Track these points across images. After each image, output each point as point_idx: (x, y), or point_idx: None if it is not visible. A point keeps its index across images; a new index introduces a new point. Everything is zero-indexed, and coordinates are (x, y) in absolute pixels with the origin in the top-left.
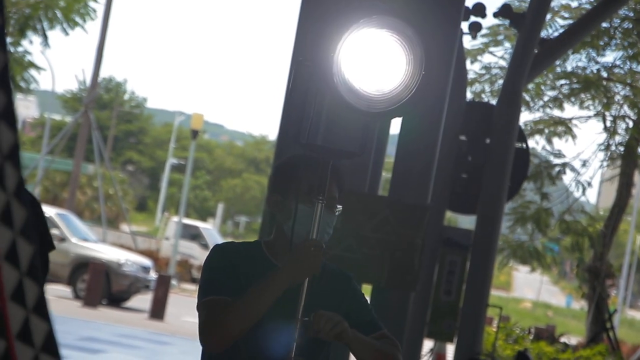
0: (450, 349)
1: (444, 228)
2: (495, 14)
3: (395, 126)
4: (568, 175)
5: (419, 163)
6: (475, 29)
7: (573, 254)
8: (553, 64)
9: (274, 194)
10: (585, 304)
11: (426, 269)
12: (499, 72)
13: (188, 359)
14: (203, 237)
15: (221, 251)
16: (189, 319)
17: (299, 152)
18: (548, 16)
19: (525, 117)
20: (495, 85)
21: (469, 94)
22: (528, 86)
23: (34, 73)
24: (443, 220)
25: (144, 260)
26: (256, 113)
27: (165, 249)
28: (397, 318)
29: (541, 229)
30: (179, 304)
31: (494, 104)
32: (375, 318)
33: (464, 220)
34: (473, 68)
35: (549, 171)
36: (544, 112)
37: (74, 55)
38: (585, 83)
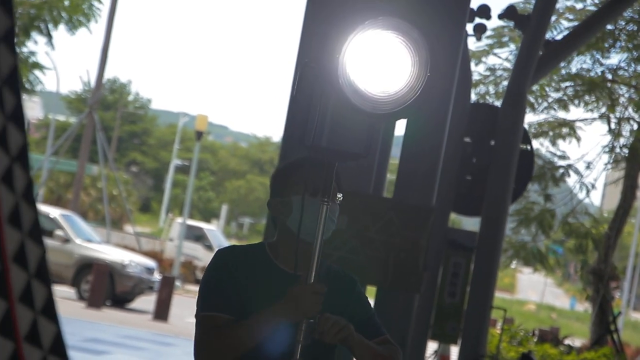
0: (454, 351)
1: (448, 230)
2: (500, 16)
3: (400, 128)
4: (572, 177)
5: (423, 165)
6: (480, 30)
7: (577, 256)
8: (558, 65)
9: (273, 197)
10: (589, 306)
11: (430, 271)
12: (504, 74)
13: None
14: (207, 239)
15: (221, 259)
16: (193, 320)
17: (303, 155)
18: (553, 18)
19: (529, 119)
20: (500, 86)
21: (473, 96)
22: (532, 87)
23: (39, 74)
24: (447, 222)
25: (148, 262)
26: (260, 114)
27: (169, 250)
28: (402, 320)
29: (544, 231)
30: (182, 305)
31: (498, 105)
32: (378, 322)
33: (467, 222)
34: (477, 70)
35: (553, 173)
36: (548, 114)
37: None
38: (589, 85)
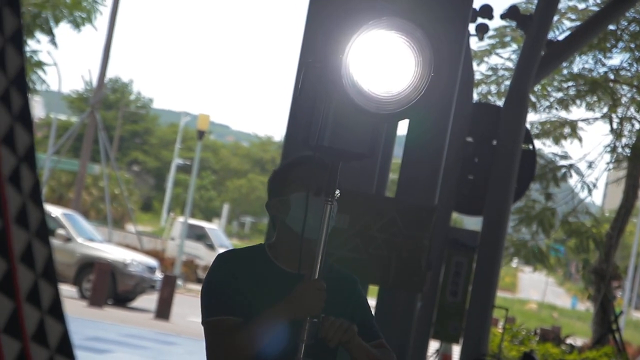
0: (456, 350)
1: (450, 229)
2: (502, 16)
3: (402, 127)
4: (574, 176)
5: (426, 164)
6: (482, 30)
7: (578, 255)
8: (560, 65)
9: (271, 198)
10: (590, 306)
11: (432, 270)
12: (506, 74)
13: (194, 359)
14: (209, 238)
15: (222, 263)
16: (195, 319)
17: (300, 155)
18: (555, 18)
19: (530, 118)
20: (502, 86)
21: (475, 96)
22: (534, 87)
23: (42, 74)
24: (450, 221)
25: (149, 261)
26: (262, 114)
27: (171, 249)
28: (404, 319)
29: (545, 230)
30: (184, 304)
31: (500, 105)
32: (375, 326)
33: (469, 222)
34: (479, 69)
35: (555, 173)
36: (550, 113)
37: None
38: (592, 85)
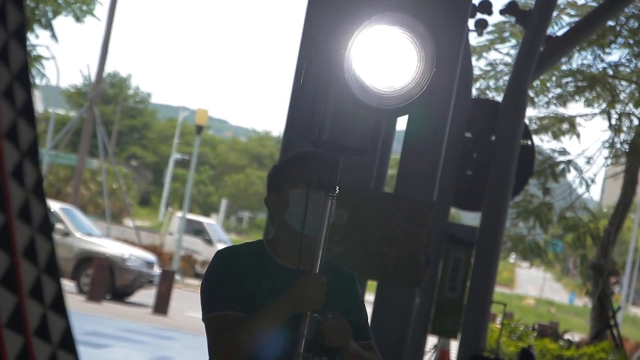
0: (454, 346)
1: (448, 225)
2: (501, 11)
3: (401, 123)
4: (572, 171)
5: (424, 160)
6: (481, 26)
7: (576, 251)
8: (559, 61)
9: (270, 193)
10: (588, 301)
11: (431, 266)
12: (504, 69)
13: (192, 354)
14: (207, 233)
15: (222, 259)
16: (193, 314)
17: (299, 150)
18: (554, 13)
19: (529, 113)
20: (501, 81)
21: (474, 91)
22: (533, 83)
23: (41, 68)
24: (448, 216)
25: (147, 255)
26: (260, 109)
27: (169, 244)
28: (402, 315)
29: (542, 224)
30: (182, 299)
31: (499, 100)
32: (368, 327)
33: (467, 217)
34: (478, 65)
35: (553, 168)
36: (549, 109)
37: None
38: (590, 81)
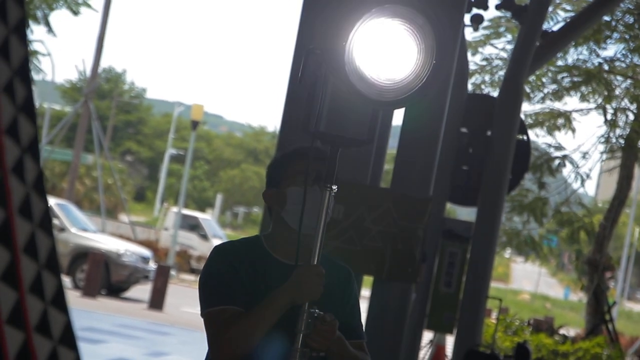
0: (449, 341)
1: (444, 220)
2: (497, 6)
3: (397, 118)
4: (568, 166)
5: (421, 155)
6: (477, 21)
7: (571, 246)
8: (555, 56)
9: (268, 188)
10: (583, 296)
11: (427, 261)
12: (500, 64)
13: (188, 349)
14: (202, 228)
15: (220, 254)
16: (188, 309)
17: (301, 144)
18: (550, 8)
19: (524, 108)
20: (496, 76)
21: (469, 86)
22: (529, 78)
23: (37, 63)
24: (444, 212)
25: (143, 251)
26: (255, 104)
27: (165, 240)
28: (399, 310)
29: (537, 219)
30: (178, 295)
31: (495, 96)
32: (361, 326)
33: (462, 212)
34: (473, 60)
35: (549, 164)
36: (544, 104)
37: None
38: (586, 76)
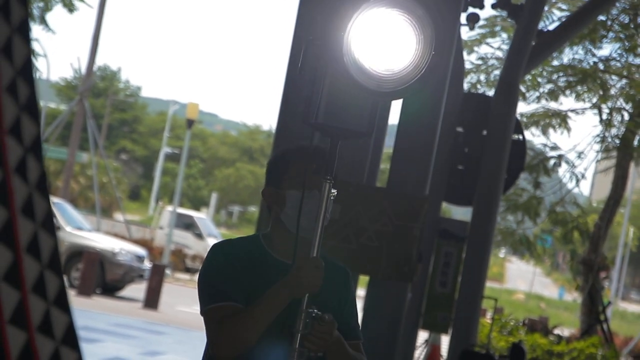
0: (445, 341)
1: (440, 219)
2: (493, 6)
3: (393, 117)
4: (562, 166)
5: (417, 154)
6: (473, 20)
7: (566, 245)
8: (551, 55)
9: (268, 186)
10: (577, 296)
11: (422, 261)
12: (495, 63)
13: (183, 349)
14: (197, 227)
15: (219, 252)
16: (183, 308)
17: (299, 137)
18: (545, 8)
19: (520, 108)
20: (492, 75)
21: (465, 85)
22: (524, 77)
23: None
24: (439, 211)
25: (138, 250)
26: (251, 103)
27: (160, 238)
28: (394, 309)
29: (531, 218)
30: (173, 294)
31: (490, 95)
32: (358, 326)
33: (457, 211)
34: (469, 59)
35: (545, 163)
36: (540, 104)
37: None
38: (582, 75)
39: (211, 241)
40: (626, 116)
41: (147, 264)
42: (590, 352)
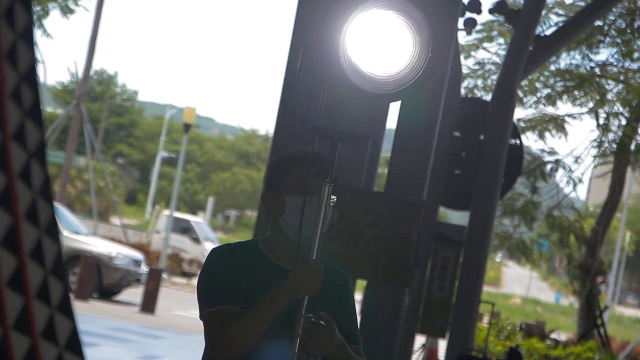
0: (442, 345)
1: (437, 224)
2: (490, 10)
3: (391, 122)
4: (560, 171)
5: (415, 159)
6: (470, 24)
7: (562, 250)
8: (548, 60)
9: (267, 190)
10: (574, 300)
11: (419, 265)
12: (493, 68)
13: (180, 353)
14: (194, 231)
15: (218, 256)
16: (180, 312)
17: (298, 139)
18: (542, 13)
19: (517, 113)
20: (489, 80)
21: (462, 90)
22: (522, 82)
23: None
24: (437, 216)
25: (135, 254)
26: (247, 107)
27: (156, 243)
28: (392, 314)
29: (527, 223)
30: (169, 298)
31: (488, 100)
32: (357, 331)
33: (453, 216)
34: (466, 64)
35: (542, 168)
36: (537, 109)
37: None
38: (579, 80)
39: (208, 245)
40: (623, 121)
41: (144, 268)
42: (587, 357)
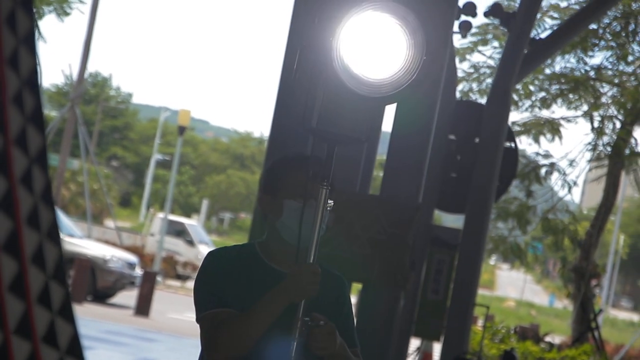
0: (437, 348)
1: (432, 227)
2: (485, 13)
3: (386, 125)
4: (554, 174)
5: (410, 161)
6: (465, 28)
7: (556, 253)
8: (543, 63)
9: (264, 194)
10: (568, 303)
11: (414, 268)
12: (487, 71)
13: (175, 356)
14: (188, 234)
15: (215, 259)
16: (175, 315)
17: (294, 143)
18: (537, 16)
19: (512, 116)
20: (484, 84)
21: (457, 93)
22: (517, 85)
23: None
24: (432, 219)
25: (129, 257)
26: (241, 110)
27: (151, 245)
28: (387, 317)
29: (521, 226)
30: (164, 301)
31: (483, 103)
32: (355, 333)
33: (447, 219)
34: (461, 67)
35: (537, 172)
36: (532, 113)
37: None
38: (573, 83)
39: (202, 248)
40: (617, 124)
41: (138, 271)
42: None
